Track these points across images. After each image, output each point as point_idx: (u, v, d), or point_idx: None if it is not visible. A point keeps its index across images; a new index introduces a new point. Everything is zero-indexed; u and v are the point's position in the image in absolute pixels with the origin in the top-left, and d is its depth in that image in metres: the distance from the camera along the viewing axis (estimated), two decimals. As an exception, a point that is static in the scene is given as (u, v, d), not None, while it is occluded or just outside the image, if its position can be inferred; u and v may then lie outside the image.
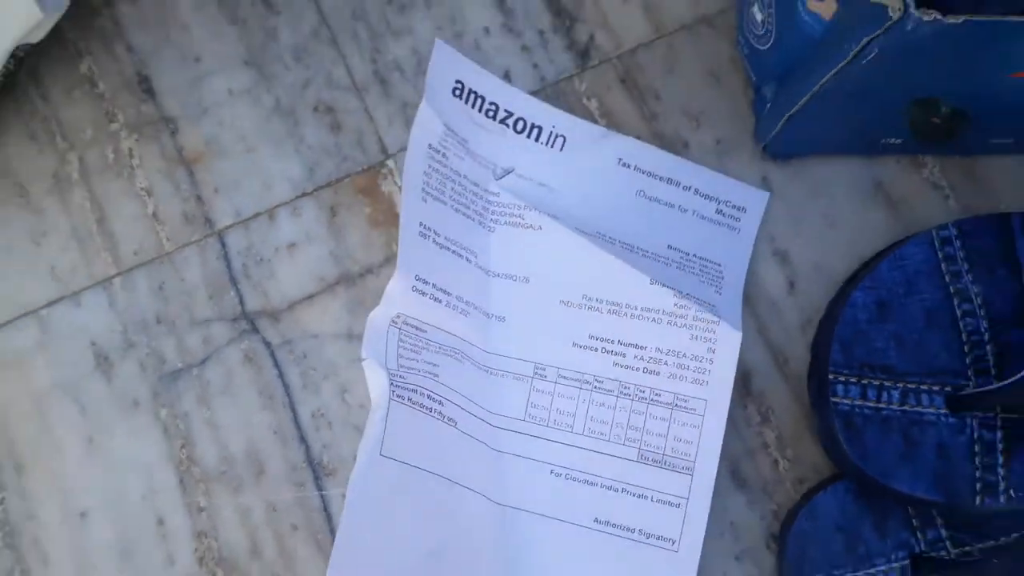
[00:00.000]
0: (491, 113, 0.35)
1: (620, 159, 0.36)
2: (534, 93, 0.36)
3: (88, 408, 0.34)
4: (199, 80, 0.37)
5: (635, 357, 0.33)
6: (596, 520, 0.32)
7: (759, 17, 0.33)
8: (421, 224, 0.32)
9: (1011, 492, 0.30)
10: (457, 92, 0.34)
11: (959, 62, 0.28)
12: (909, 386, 0.31)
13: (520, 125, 0.35)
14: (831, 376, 0.31)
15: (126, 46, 0.37)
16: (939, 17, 0.25)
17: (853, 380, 0.31)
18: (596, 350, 0.33)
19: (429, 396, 0.31)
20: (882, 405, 0.31)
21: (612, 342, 0.33)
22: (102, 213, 0.35)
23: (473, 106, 0.35)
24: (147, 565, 0.33)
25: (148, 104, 0.36)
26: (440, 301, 0.33)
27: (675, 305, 0.32)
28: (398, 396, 0.30)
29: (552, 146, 0.36)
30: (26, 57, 0.34)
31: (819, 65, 0.29)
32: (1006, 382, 0.29)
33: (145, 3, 0.37)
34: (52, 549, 0.33)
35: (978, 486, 0.30)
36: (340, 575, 0.30)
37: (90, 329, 0.35)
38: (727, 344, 0.32)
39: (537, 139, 0.35)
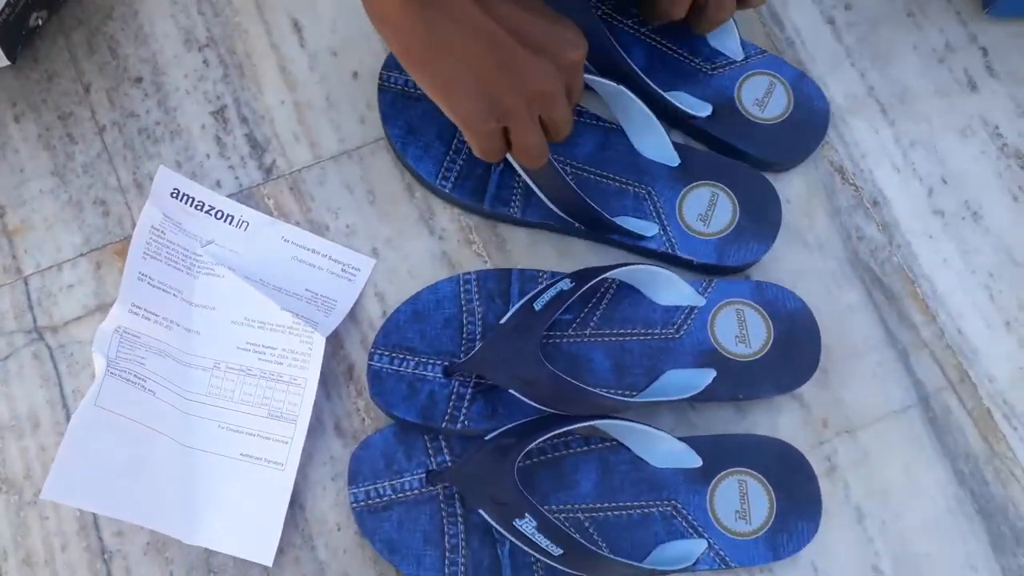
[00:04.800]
0: (199, 207, 0.57)
1: (283, 236, 0.58)
2: (235, 194, 0.59)
3: (-70, 386, 0.54)
4: (22, 183, 0.58)
5: (270, 354, 0.54)
6: (242, 454, 0.53)
7: None
8: (140, 272, 0.54)
9: (465, 423, 0.52)
10: (174, 195, 0.57)
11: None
12: (421, 360, 0.53)
13: (219, 214, 0.57)
14: (372, 350, 0.53)
15: (-23, 162, 0.58)
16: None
17: (386, 354, 0.53)
18: (249, 351, 0.54)
19: (135, 375, 0.52)
20: (400, 368, 0.52)
21: (258, 345, 0.54)
22: (-49, 265, 0.56)
23: (185, 203, 0.57)
24: (-42, 482, 0.53)
25: (-13, 198, 0.58)
26: (149, 319, 0.54)
27: (292, 322, 0.54)
28: (111, 372, 0.51)
29: (239, 227, 0.57)
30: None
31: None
32: (463, 360, 0.51)
33: (-10, 136, 0.59)
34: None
35: (446, 417, 0.52)
36: (56, 483, 0.49)
37: (-64, 337, 0.55)
38: (317, 345, 0.53)
39: (230, 223, 0.57)
